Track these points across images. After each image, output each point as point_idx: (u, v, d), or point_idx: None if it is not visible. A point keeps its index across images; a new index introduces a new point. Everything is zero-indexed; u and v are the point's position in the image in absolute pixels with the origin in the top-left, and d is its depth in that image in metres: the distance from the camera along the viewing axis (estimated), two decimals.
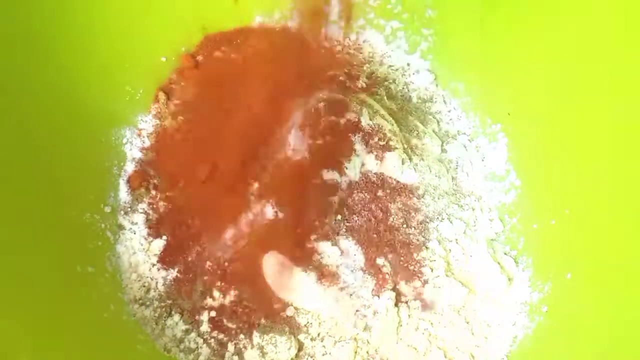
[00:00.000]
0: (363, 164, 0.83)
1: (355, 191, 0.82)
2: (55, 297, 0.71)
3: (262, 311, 0.81)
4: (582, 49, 0.84)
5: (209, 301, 0.82)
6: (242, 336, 0.81)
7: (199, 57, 0.95)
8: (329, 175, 0.81)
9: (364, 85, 0.93)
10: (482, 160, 0.97)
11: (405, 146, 0.88)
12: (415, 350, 0.82)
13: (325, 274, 0.79)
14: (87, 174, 0.82)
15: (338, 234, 0.80)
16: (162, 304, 0.82)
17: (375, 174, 0.83)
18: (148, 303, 0.81)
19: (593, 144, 0.83)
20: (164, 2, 0.91)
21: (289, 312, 0.81)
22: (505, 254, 0.90)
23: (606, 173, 0.82)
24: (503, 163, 0.96)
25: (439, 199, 0.89)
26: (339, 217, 0.81)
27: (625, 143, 0.80)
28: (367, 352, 0.82)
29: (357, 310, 0.81)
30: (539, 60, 0.90)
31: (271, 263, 0.80)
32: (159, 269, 0.83)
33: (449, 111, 1.00)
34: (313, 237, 0.79)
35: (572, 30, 0.85)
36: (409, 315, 0.82)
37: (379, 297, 0.81)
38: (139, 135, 0.90)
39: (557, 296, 0.83)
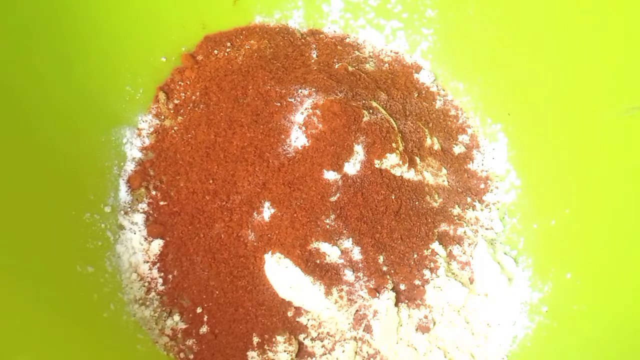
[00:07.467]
0: (363, 164, 0.83)
1: (356, 191, 0.82)
2: (55, 297, 0.71)
3: (263, 311, 0.81)
4: (582, 49, 0.85)
5: (208, 301, 0.82)
6: (242, 336, 0.81)
7: (199, 57, 0.95)
8: (329, 175, 0.81)
9: (364, 84, 0.93)
10: (482, 160, 0.97)
11: (406, 146, 0.88)
12: (415, 350, 0.82)
13: (325, 274, 0.79)
14: (87, 174, 0.82)
15: (338, 234, 0.80)
16: (162, 304, 0.82)
17: (375, 174, 0.83)
18: (148, 303, 0.81)
19: (593, 144, 0.84)
20: (164, 2, 0.91)
21: (290, 312, 0.81)
22: (505, 254, 0.90)
23: (606, 173, 0.82)
24: (503, 163, 0.96)
25: (439, 198, 0.89)
26: (339, 217, 0.81)
27: (625, 143, 0.80)
28: (367, 352, 0.82)
29: (357, 310, 0.81)
30: (538, 60, 0.90)
31: (272, 263, 0.80)
32: (159, 269, 0.83)
33: (449, 111, 1.00)
34: (313, 237, 0.79)
35: (572, 30, 0.85)
36: (409, 315, 0.82)
37: (379, 297, 0.81)
38: (139, 135, 0.90)
39: (557, 296, 0.83)
